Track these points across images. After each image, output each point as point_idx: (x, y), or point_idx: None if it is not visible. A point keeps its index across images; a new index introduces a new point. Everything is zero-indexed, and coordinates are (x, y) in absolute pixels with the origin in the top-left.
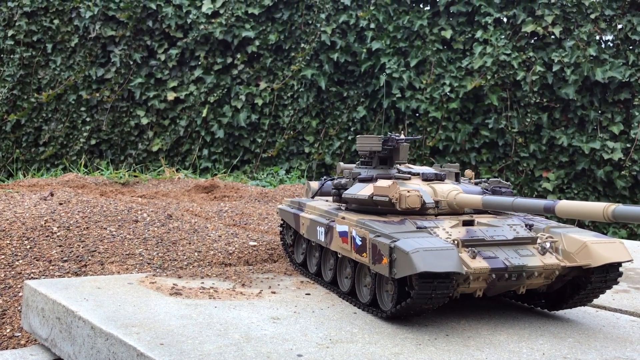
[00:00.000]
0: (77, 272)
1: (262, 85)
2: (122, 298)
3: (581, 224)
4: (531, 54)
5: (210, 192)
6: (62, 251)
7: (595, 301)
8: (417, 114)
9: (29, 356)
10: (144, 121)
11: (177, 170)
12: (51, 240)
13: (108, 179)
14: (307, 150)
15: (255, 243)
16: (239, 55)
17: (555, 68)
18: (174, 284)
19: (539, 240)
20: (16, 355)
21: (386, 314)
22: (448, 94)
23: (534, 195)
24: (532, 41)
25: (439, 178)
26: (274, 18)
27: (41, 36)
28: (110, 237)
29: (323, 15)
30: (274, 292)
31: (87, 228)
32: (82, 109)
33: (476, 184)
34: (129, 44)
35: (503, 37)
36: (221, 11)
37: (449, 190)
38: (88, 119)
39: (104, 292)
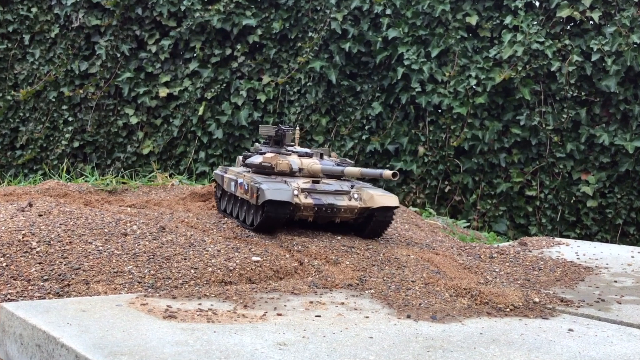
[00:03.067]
0: (59, 293)
1: (265, 79)
2: (110, 322)
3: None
4: (567, 41)
5: (207, 200)
6: (42, 269)
7: None
8: (440, 110)
9: None
10: (133, 120)
11: (170, 175)
12: (30, 256)
13: (93, 186)
14: None
15: (258, 258)
16: (239, 46)
17: (594, 57)
18: (167, 306)
19: (351, 193)
20: None
21: (255, 227)
22: (474, 87)
23: (572, 201)
24: (568, 27)
25: (308, 155)
26: (278, 4)
27: (17, 26)
28: (96, 253)
29: (333, 1)
30: (280, 314)
31: (70, 243)
32: (64, 107)
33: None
34: (115, 34)
35: (535, 23)
36: None
37: (310, 162)
38: (70, 119)
39: (89, 316)
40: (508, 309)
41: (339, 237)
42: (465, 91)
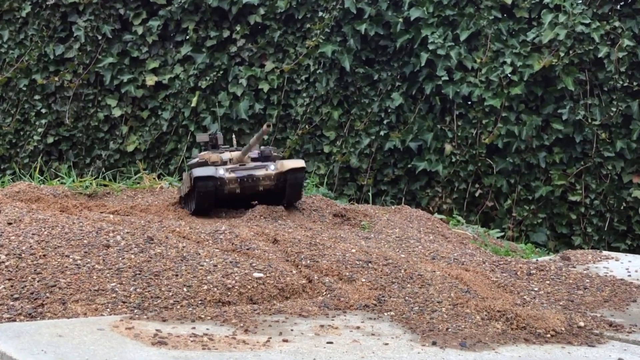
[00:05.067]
0: (32, 314)
1: (269, 65)
2: (91, 349)
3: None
4: (617, 23)
5: None
6: (12, 286)
7: None
8: (470, 102)
9: None
10: (116, 113)
11: (159, 176)
12: None
13: (70, 189)
14: (327, 149)
15: (261, 274)
16: (238, 28)
17: None
18: (157, 330)
19: (267, 165)
20: None
21: (193, 210)
22: (509, 76)
23: (622, 208)
24: (618, 7)
25: (238, 150)
26: None
27: None
28: (74, 268)
29: None
30: (285, 340)
31: (44, 256)
32: (37, 97)
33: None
34: (96, 13)
35: (580, 2)
36: None
37: (237, 154)
38: (44, 111)
39: (67, 342)
40: (549, 335)
41: (353, 250)
42: (499, 80)
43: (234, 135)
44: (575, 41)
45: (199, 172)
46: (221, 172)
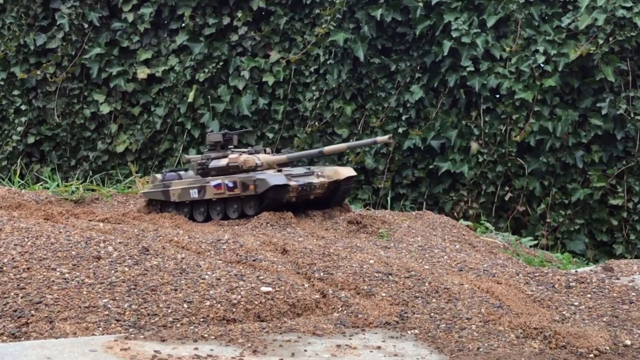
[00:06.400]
0: (16, 334)
1: (274, 56)
2: None
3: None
4: None
5: None
6: None
7: None
8: (498, 95)
9: None
10: (105, 109)
11: None
12: None
13: (54, 195)
14: None
15: (269, 289)
16: (239, 14)
17: None
18: (155, 351)
19: (315, 172)
20: None
21: (253, 216)
22: (542, 65)
23: None
24: None
25: (257, 152)
26: None
27: None
28: (62, 282)
29: None
30: None
31: (28, 269)
32: (16, 92)
33: None
34: None
35: None
36: None
37: (265, 157)
38: (24, 107)
39: None
40: (592, 355)
41: (371, 261)
42: (530, 71)
43: (235, 136)
44: (615, 27)
45: (274, 179)
46: (284, 179)
